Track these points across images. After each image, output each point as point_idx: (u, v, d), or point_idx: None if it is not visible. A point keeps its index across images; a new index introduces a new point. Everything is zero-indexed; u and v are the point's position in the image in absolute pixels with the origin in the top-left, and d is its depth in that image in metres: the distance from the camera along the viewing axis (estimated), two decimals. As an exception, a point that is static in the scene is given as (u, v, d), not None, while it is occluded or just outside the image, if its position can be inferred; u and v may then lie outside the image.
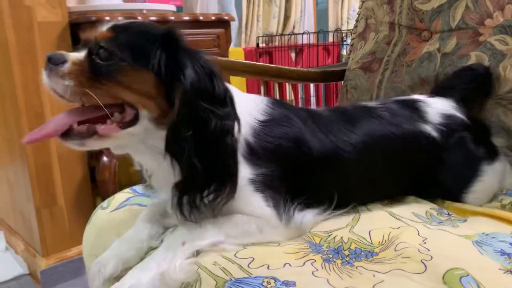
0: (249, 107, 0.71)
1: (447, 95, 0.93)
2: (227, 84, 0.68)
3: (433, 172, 0.83)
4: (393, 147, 0.80)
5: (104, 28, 0.64)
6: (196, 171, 0.60)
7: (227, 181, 0.62)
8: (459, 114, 0.88)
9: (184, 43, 0.64)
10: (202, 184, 0.61)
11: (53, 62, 0.62)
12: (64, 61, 0.62)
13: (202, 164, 0.60)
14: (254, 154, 0.68)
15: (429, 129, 0.83)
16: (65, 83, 0.61)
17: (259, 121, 0.70)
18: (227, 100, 0.63)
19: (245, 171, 0.66)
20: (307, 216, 0.69)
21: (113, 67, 0.62)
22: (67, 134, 0.63)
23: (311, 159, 0.73)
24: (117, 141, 0.65)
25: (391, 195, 0.83)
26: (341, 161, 0.75)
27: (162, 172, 0.67)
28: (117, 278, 0.67)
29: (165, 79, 0.62)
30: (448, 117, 0.86)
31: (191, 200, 0.62)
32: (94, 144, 0.64)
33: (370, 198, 0.81)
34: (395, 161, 0.81)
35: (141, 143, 0.67)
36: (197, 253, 0.63)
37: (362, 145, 0.77)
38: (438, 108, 0.88)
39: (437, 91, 0.98)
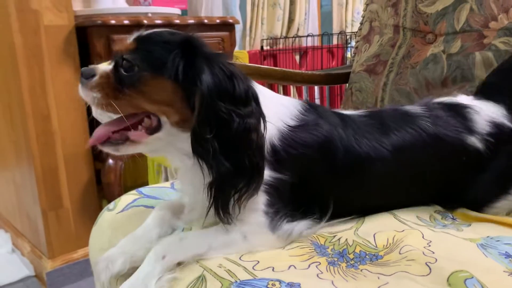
0: (281, 112, 0.72)
1: (496, 99, 0.85)
2: (255, 85, 0.70)
3: (467, 185, 0.79)
4: (428, 163, 0.77)
5: (129, 40, 0.68)
6: (225, 170, 0.61)
7: (255, 177, 0.63)
8: (509, 124, 0.82)
9: (202, 49, 0.66)
10: (233, 183, 0.62)
11: (85, 76, 0.67)
12: (93, 75, 0.67)
13: (229, 162, 0.61)
14: (277, 158, 0.68)
15: (474, 140, 0.78)
16: (93, 95, 0.66)
17: (288, 126, 0.71)
18: (250, 99, 0.64)
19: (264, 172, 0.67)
20: (297, 227, 0.69)
21: (134, 77, 0.65)
22: (105, 142, 0.68)
23: (334, 169, 0.73)
24: (147, 146, 0.69)
25: (411, 206, 0.79)
26: (365, 174, 0.74)
27: (187, 174, 0.70)
28: (124, 275, 0.68)
29: (183, 85, 0.64)
30: (498, 127, 0.80)
31: (224, 200, 0.63)
32: (127, 150, 0.68)
33: (386, 210, 0.78)
34: (426, 177, 0.78)
35: (170, 145, 0.69)
36: (179, 264, 0.64)
37: (392, 162, 0.74)
38: (487, 116, 0.81)
39: (484, 91, 0.91)
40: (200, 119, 0.62)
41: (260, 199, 0.67)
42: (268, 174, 0.67)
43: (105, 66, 0.69)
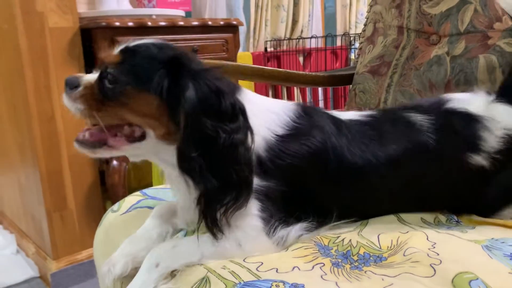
0: (269, 120, 0.70)
1: None
2: (245, 93, 0.69)
3: (468, 200, 0.78)
4: (426, 179, 0.75)
5: (114, 51, 0.67)
6: (212, 186, 0.61)
7: (243, 192, 0.62)
8: None
9: (190, 65, 0.64)
10: (220, 198, 0.62)
11: (69, 86, 0.67)
12: (77, 85, 0.67)
13: (217, 178, 0.61)
14: (263, 169, 0.67)
15: (479, 160, 0.74)
16: (77, 106, 0.66)
17: (276, 135, 0.69)
18: (237, 114, 0.63)
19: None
20: (292, 232, 0.68)
21: (117, 90, 0.64)
22: (82, 142, 0.68)
23: (325, 179, 0.71)
24: (125, 152, 0.69)
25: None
26: (358, 186, 0.73)
27: (174, 181, 0.71)
28: (127, 277, 0.69)
29: (168, 102, 0.63)
30: (510, 142, 0.75)
31: (212, 215, 0.62)
32: (104, 153, 0.69)
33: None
34: (424, 192, 0.76)
35: (153, 155, 0.70)
36: (174, 271, 0.64)
37: (386, 176, 0.72)
38: (500, 129, 0.75)
39: (507, 94, 0.83)
40: (185, 137, 0.61)
41: (253, 205, 0.66)
42: (255, 182, 0.66)
43: (90, 76, 0.68)
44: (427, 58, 1.19)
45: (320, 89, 3.21)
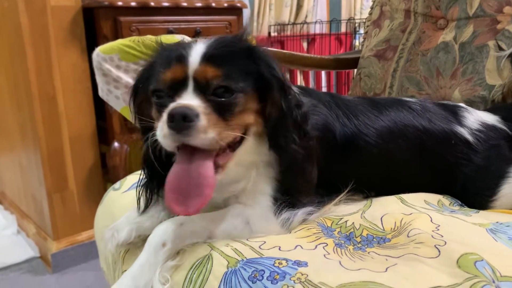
0: None
1: (495, 112, 0.88)
2: None
3: (461, 174, 0.79)
4: (420, 139, 0.78)
5: (196, 61, 0.62)
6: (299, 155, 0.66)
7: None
8: (503, 126, 0.84)
9: (263, 55, 0.66)
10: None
11: (188, 120, 0.58)
12: (197, 114, 0.59)
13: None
14: None
15: (463, 131, 0.80)
16: (209, 136, 0.59)
17: None
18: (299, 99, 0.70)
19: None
20: (299, 214, 0.68)
21: (233, 101, 0.62)
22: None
23: (335, 145, 0.73)
24: (232, 164, 0.66)
25: (411, 189, 0.79)
26: (363, 146, 0.75)
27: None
28: (130, 244, 0.69)
29: (260, 91, 0.65)
30: (488, 127, 0.82)
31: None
32: (222, 174, 0.64)
33: (387, 189, 0.78)
34: (420, 154, 0.79)
35: (248, 154, 0.68)
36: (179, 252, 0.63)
37: (387, 131, 0.76)
38: (479, 116, 0.84)
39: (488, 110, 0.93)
40: (285, 118, 0.66)
41: (269, 185, 0.68)
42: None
43: (192, 101, 0.61)
44: (434, 44, 1.17)
45: (323, 75, 3.19)
